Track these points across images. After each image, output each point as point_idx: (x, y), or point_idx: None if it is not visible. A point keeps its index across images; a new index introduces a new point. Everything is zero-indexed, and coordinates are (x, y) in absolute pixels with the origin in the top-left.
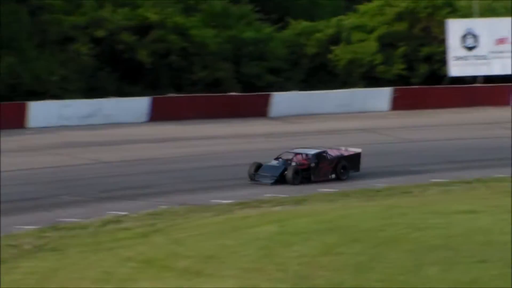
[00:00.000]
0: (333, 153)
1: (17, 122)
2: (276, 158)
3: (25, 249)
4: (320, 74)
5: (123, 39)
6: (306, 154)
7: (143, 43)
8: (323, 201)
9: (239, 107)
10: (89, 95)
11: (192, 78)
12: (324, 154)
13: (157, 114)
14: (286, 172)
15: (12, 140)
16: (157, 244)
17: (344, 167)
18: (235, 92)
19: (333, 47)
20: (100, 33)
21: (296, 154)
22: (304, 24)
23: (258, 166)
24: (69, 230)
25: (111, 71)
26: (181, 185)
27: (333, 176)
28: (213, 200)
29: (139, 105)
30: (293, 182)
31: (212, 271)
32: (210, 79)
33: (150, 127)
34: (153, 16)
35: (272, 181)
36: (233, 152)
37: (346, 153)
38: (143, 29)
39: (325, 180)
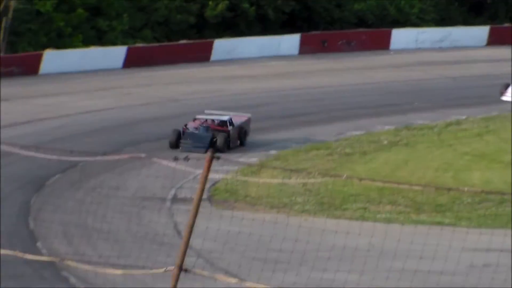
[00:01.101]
0: (237, 119)
1: (382, 45)
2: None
3: (383, 144)
4: None
5: None
6: (221, 121)
7: None
8: None
9: None
10: (441, 24)
11: None
12: (232, 121)
13: (494, 40)
14: (216, 140)
15: (378, 59)
16: (489, 142)
17: (245, 133)
18: None
19: None
20: None
21: (211, 120)
22: None
23: (179, 134)
24: (419, 130)
25: (459, 5)
26: None
27: (239, 142)
28: None
29: (480, 32)
30: (223, 150)
31: None
32: None
33: (488, 50)
34: None
35: (204, 150)
36: None
37: (244, 119)
38: None
39: (235, 146)
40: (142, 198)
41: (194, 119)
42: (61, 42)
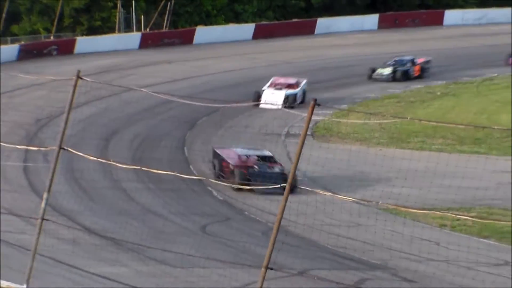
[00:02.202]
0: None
1: (438, 22)
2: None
3: (436, 94)
4: None
5: None
6: (289, 84)
7: None
8: None
9: None
10: (480, 6)
11: None
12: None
13: None
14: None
15: (434, 32)
16: None
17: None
18: None
19: None
20: None
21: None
22: None
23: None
24: (463, 84)
25: None
26: None
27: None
28: None
29: (509, 12)
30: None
31: None
32: None
33: None
34: None
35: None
36: None
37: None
38: None
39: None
40: (264, 134)
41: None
42: (208, 20)
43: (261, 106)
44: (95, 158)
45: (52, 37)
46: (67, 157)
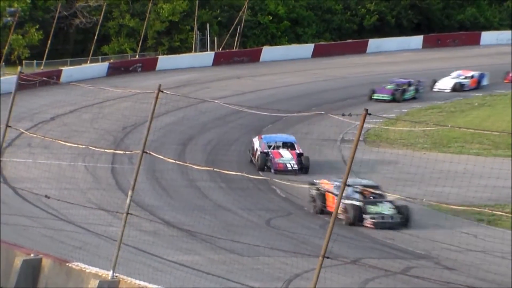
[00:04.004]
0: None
1: (475, 42)
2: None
3: (474, 105)
4: None
5: None
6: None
7: None
8: None
9: None
10: None
11: None
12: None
13: None
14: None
15: (472, 51)
16: None
17: None
18: None
19: None
20: None
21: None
22: None
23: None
24: (498, 96)
25: None
26: None
27: None
28: None
29: None
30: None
31: None
32: None
33: None
34: None
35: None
36: None
37: None
38: None
39: None
40: (321, 140)
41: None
42: (273, 41)
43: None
44: (174, 161)
45: (137, 56)
46: (149, 160)
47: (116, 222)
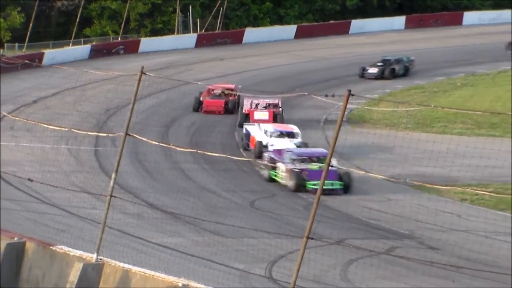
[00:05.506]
0: None
1: (458, 22)
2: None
3: (457, 85)
4: None
5: None
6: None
7: None
8: None
9: None
10: (495, 8)
11: None
12: None
13: None
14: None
15: (454, 31)
16: None
17: None
18: None
19: None
20: None
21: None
22: None
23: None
24: (480, 76)
25: None
26: None
27: None
28: None
29: None
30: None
31: None
32: None
33: None
34: None
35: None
36: None
37: None
38: None
39: None
40: (305, 120)
41: None
42: (256, 22)
43: None
44: (157, 143)
45: (119, 38)
46: (132, 142)
47: (100, 204)
